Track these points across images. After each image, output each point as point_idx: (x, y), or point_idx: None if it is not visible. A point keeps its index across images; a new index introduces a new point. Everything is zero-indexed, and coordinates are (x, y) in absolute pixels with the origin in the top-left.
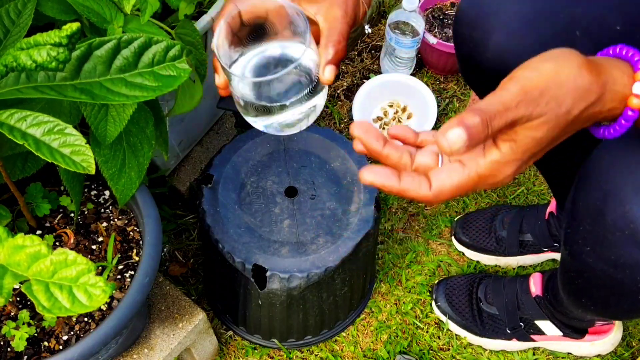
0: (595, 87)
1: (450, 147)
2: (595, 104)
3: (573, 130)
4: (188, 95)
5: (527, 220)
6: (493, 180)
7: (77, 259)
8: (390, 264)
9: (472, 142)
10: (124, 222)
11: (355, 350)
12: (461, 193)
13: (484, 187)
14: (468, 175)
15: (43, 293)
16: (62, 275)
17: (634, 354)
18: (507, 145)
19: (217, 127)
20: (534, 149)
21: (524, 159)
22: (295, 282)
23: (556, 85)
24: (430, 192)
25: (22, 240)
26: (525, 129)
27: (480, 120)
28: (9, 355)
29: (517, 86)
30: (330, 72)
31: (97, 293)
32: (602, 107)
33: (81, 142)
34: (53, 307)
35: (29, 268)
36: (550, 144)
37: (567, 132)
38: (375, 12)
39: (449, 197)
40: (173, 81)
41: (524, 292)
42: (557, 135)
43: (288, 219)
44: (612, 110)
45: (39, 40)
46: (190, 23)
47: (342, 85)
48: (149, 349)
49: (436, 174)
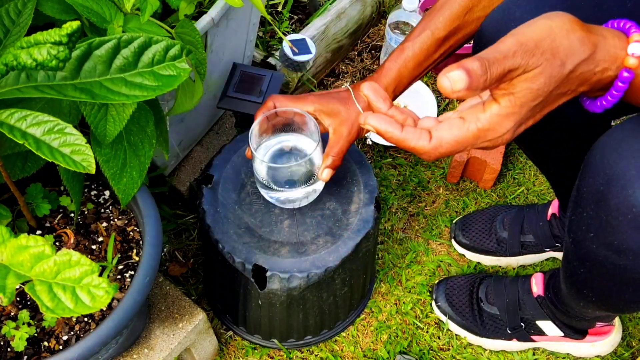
0: (587, 42)
1: (452, 86)
2: (588, 62)
3: (569, 91)
4: (188, 95)
5: (528, 221)
6: (493, 134)
7: (80, 259)
8: (390, 264)
9: (472, 85)
10: (124, 222)
11: (355, 350)
12: (460, 148)
13: (484, 143)
14: (467, 129)
15: (46, 293)
16: (65, 276)
17: (634, 354)
18: (506, 99)
19: (217, 127)
20: (531, 101)
21: (522, 112)
22: (295, 282)
23: (550, 38)
24: (429, 143)
25: (26, 241)
26: (522, 80)
27: (480, 65)
28: (9, 355)
29: (514, 39)
30: (327, 174)
31: (101, 294)
32: (595, 67)
33: (81, 141)
34: (56, 308)
35: (32, 268)
36: (546, 99)
37: (563, 93)
38: (375, 12)
39: (447, 151)
40: (173, 81)
41: (525, 292)
42: (553, 90)
43: (288, 219)
44: (605, 72)
45: (39, 39)
46: (190, 23)
47: (342, 85)
48: (149, 349)
49: (437, 127)
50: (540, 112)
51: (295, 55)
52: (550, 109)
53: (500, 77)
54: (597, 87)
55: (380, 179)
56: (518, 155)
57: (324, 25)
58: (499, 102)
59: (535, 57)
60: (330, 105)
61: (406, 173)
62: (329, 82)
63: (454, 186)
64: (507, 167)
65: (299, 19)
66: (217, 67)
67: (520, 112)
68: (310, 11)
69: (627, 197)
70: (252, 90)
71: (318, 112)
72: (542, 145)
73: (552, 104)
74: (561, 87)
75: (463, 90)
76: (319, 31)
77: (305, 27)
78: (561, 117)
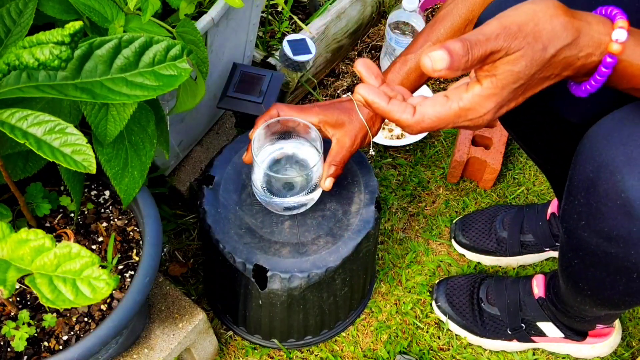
0: (570, 27)
1: (433, 65)
2: (571, 47)
3: (552, 75)
4: (190, 94)
5: (528, 220)
6: (474, 114)
7: (80, 252)
8: (390, 264)
9: (453, 65)
10: (124, 222)
11: (355, 351)
12: (441, 124)
13: (465, 122)
14: (450, 107)
15: (47, 286)
16: (65, 269)
17: (634, 354)
18: (488, 80)
19: (217, 127)
20: (512, 84)
21: (503, 94)
22: (295, 282)
23: (533, 22)
24: (412, 117)
25: (26, 234)
26: (504, 63)
27: (462, 46)
28: (9, 355)
29: (497, 22)
30: (329, 183)
31: (101, 286)
32: (579, 52)
33: (82, 141)
34: (57, 300)
35: (33, 262)
36: (528, 82)
37: (546, 77)
38: (375, 12)
39: (429, 126)
40: (174, 80)
41: (526, 293)
42: (535, 74)
43: (289, 220)
44: (589, 57)
45: (41, 38)
46: (191, 22)
47: (342, 85)
48: (149, 349)
49: (422, 103)
50: (522, 95)
51: (295, 55)
52: (533, 92)
53: (483, 59)
54: (581, 72)
55: (380, 179)
56: (518, 155)
57: (324, 25)
58: (482, 83)
59: (517, 40)
60: (334, 117)
61: (406, 173)
62: (329, 82)
63: (454, 186)
64: (507, 167)
65: (299, 19)
66: (217, 67)
67: (501, 93)
68: (310, 11)
69: (615, 183)
70: (252, 90)
71: (322, 124)
72: (541, 144)
73: (534, 87)
74: (544, 71)
75: (444, 69)
76: (319, 31)
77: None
78: (561, 120)
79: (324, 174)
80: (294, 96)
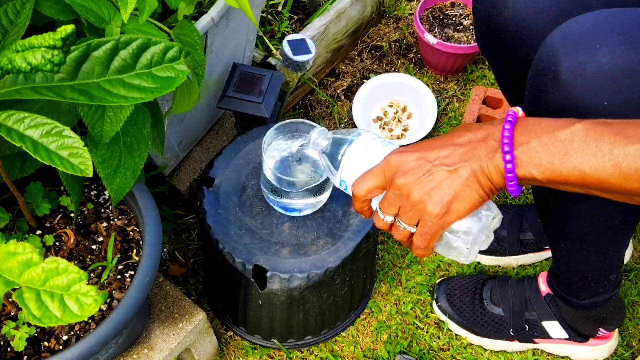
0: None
1: None
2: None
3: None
4: (186, 96)
5: (527, 218)
6: None
7: (68, 267)
8: (390, 264)
9: None
10: (124, 222)
11: (355, 351)
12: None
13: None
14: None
15: (34, 301)
16: (53, 284)
17: (634, 354)
18: None
19: (217, 127)
20: None
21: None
22: (295, 282)
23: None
24: None
25: (14, 247)
26: None
27: None
28: (9, 355)
29: None
30: None
31: (89, 302)
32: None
33: (79, 144)
34: (43, 317)
35: (21, 275)
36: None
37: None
38: (375, 12)
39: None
40: (171, 82)
41: (533, 292)
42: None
43: (289, 221)
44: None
45: (33, 42)
46: (189, 24)
47: (342, 85)
48: (149, 349)
49: None
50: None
51: (295, 55)
52: None
53: None
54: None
55: None
56: None
57: (324, 25)
58: None
59: None
60: None
61: None
62: (329, 82)
63: None
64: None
65: (299, 19)
66: (217, 67)
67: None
68: (310, 11)
69: (545, 47)
70: (252, 90)
71: None
72: None
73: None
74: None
75: None
76: (319, 31)
77: (305, 27)
78: None
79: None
80: (294, 96)
